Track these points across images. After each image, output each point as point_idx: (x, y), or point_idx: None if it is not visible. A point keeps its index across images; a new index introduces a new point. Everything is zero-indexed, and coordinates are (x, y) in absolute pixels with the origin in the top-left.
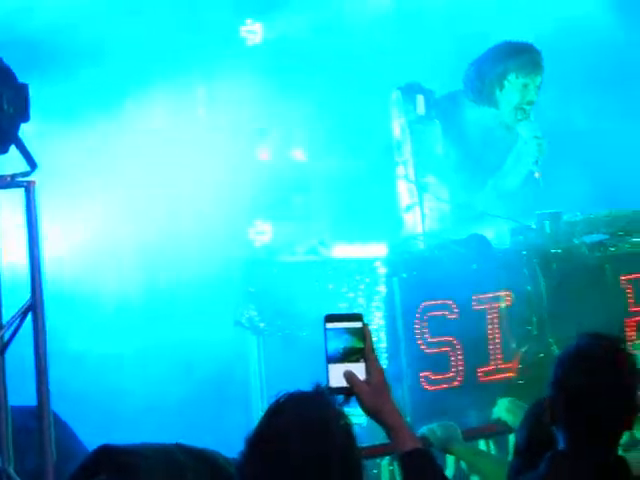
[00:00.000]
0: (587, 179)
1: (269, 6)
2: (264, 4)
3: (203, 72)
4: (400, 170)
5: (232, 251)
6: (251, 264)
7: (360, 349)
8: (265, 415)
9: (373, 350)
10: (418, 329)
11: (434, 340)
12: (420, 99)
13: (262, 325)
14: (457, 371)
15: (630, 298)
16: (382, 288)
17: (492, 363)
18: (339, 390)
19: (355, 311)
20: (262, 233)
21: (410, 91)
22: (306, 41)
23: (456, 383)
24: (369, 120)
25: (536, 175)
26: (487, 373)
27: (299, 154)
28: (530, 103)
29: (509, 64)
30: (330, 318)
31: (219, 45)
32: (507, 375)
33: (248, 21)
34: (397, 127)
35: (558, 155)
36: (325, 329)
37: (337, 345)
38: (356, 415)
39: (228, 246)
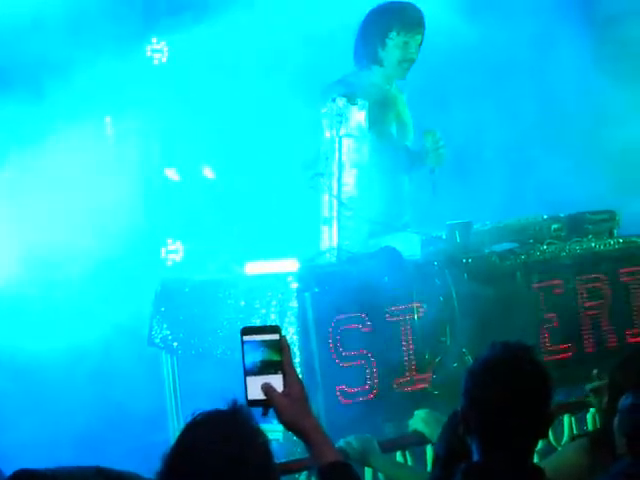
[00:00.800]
0: (497, 187)
1: (174, 25)
2: (169, 23)
3: (111, 92)
4: (323, 183)
5: (145, 271)
6: (163, 283)
7: (278, 361)
8: (181, 434)
9: (291, 362)
10: (332, 343)
11: (348, 353)
12: (354, 110)
13: (176, 344)
14: (372, 384)
15: (542, 305)
16: (295, 303)
17: (407, 375)
18: (257, 402)
19: (294, 330)
20: (174, 252)
21: (345, 103)
22: (213, 58)
23: (372, 396)
24: (278, 135)
25: (432, 183)
26: (402, 385)
27: (208, 172)
28: (411, 61)
29: (390, 22)
30: (247, 331)
31: (125, 65)
32: (422, 386)
33: (154, 40)
34: (326, 140)
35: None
36: (242, 342)
37: (254, 358)
38: (274, 431)
39: (141, 266)
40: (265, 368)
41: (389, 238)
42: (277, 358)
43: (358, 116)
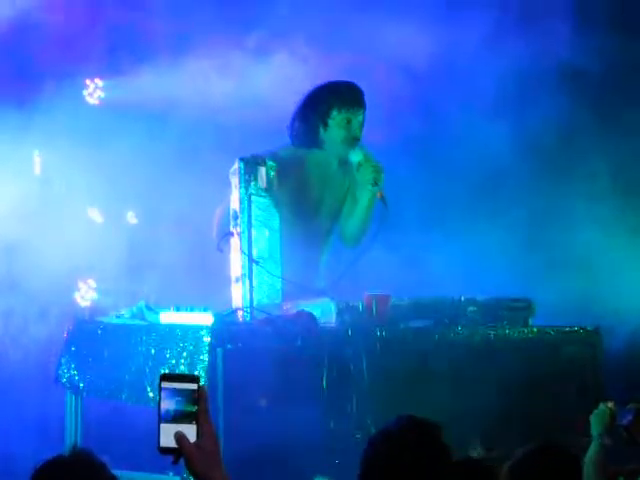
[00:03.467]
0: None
1: (112, 66)
2: (107, 63)
3: (41, 129)
4: (234, 241)
5: (58, 309)
6: (76, 323)
7: (193, 411)
8: None
9: (207, 413)
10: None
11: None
12: (262, 171)
13: (82, 385)
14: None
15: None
16: (205, 357)
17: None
18: (168, 450)
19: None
20: (89, 293)
21: (253, 163)
22: (147, 104)
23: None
24: (202, 190)
25: (378, 195)
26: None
27: (131, 216)
28: (355, 139)
29: (331, 101)
30: (166, 377)
31: (59, 101)
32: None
33: (90, 79)
34: (236, 197)
35: None
36: (160, 388)
37: (170, 405)
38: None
39: (55, 304)
40: (180, 417)
41: (306, 302)
42: (192, 408)
43: (265, 176)
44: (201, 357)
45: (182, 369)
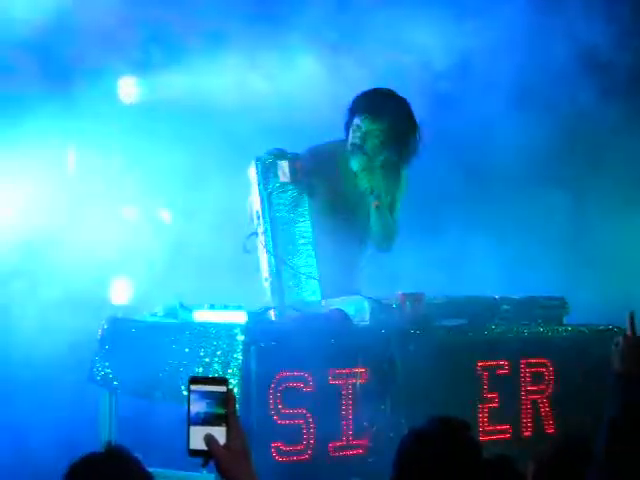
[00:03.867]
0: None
1: (147, 64)
2: (142, 62)
3: (75, 126)
4: (260, 240)
5: (93, 307)
6: (110, 322)
7: (222, 414)
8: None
9: (235, 415)
10: (272, 399)
11: (287, 411)
12: (284, 165)
13: (116, 383)
14: (308, 444)
15: (485, 384)
16: (239, 356)
17: (344, 439)
18: (198, 453)
19: (237, 382)
20: (122, 291)
21: (272, 159)
22: (183, 102)
23: (306, 456)
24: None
25: (374, 205)
26: (338, 448)
27: (165, 215)
28: (353, 146)
29: (353, 107)
30: (195, 380)
31: (93, 102)
32: (358, 452)
33: (124, 79)
34: (256, 197)
35: None
36: (189, 391)
37: (199, 408)
38: None
39: (89, 303)
40: (209, 419)
41: (340, 301)
42: (222, 410)
43: (287, 170)
44: (235, 355)
45: (216, 367)
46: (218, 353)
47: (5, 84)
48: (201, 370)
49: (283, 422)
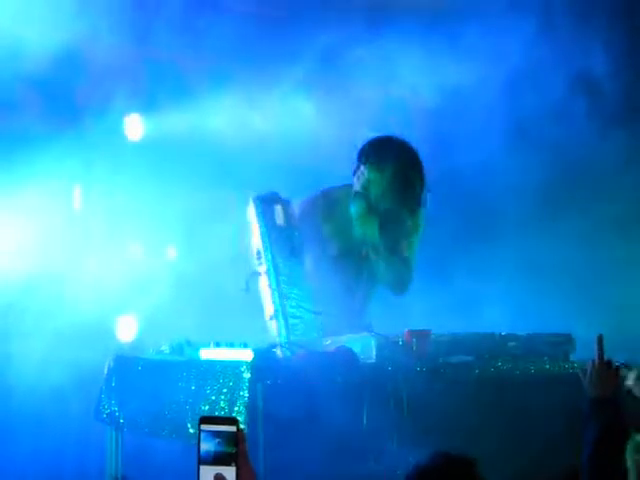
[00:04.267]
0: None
1: (153, 102)
2: (149, 101)
3: (81, 164)
4: (262, 279)
5: (99, 345)
6: (116, 359)
7: (232, 453)
8: None
9: (246, 456)
10: (279, 437)
11: (294, 449)
12: (279, 209)
13: (122, 421)
14: None
15: (492, 421)
16: (245, 393)
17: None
18: None
19: (231, 415)
20: (128, 328)
21: (268, 201)
22: (188, 142)
23: None
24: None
25: (363, 253)
26: None
27: (171, 252)
28: (355, 192)
29: (359, 153)
30: (205, 420)
31: (99, 139)
32: None
33: (130, 116)
34: (256, 236)
35: None
36: (199, 430)
37: (210, 447)
38: None
39: (95, 339)
40: (219, 459)
41: (346, 338)
42: (232, 450)
43: (282, 214)
44: (241, 393)
45: (222, 405)
46: (224, 391)
47: (11, 120)
48: (207, 408)
49: (290, 460)
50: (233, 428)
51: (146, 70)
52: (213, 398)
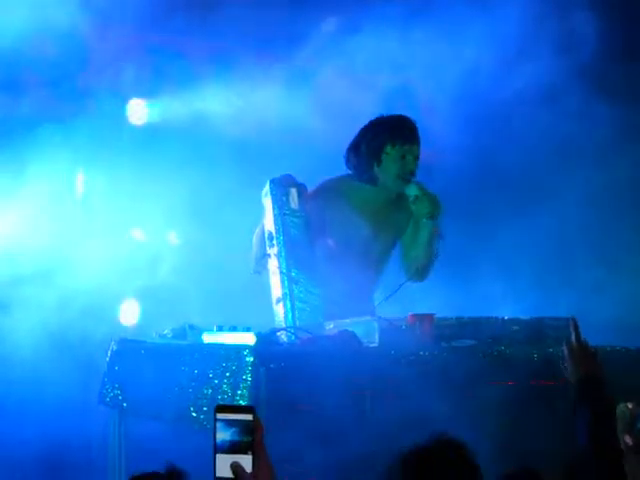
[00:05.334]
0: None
1: (155, 85)
2: (152, 85)
3: (84, 149)
4: (272, 262)
5: (101, 328)
6: (119, 343)
7: (249, 442)
8: None
9: (262, 444)
10: (282, 421)
11: (297, 433)
12: (293, 192)
13: (125, 405)
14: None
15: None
16: (248, 377)
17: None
18: None
19: (234, 399)
20: (131, 312)
21: (283, 184)
22: (191, 126)
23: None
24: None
25: (434, 231)
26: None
27: (173, 237)
28: (410, 173)
29: (385, 136)
30: (221, 409)
31: (103, 124)
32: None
33: (134, 101)
34: (269, 219)
35: None
36: (215, 419)
37: (226, 436)
38: None
39: (98, 323)
40: (236, 447)
41: (349, 322)
42: (248, 439)
43: (296, 197)
44: (244, 377)
45: (225, 389)
46: (227, 374)
47: (14, 104)
48: (210, 392)
49: (293, 444)
50: (249, 417)
51: (150, 54)
52: (216, 382)
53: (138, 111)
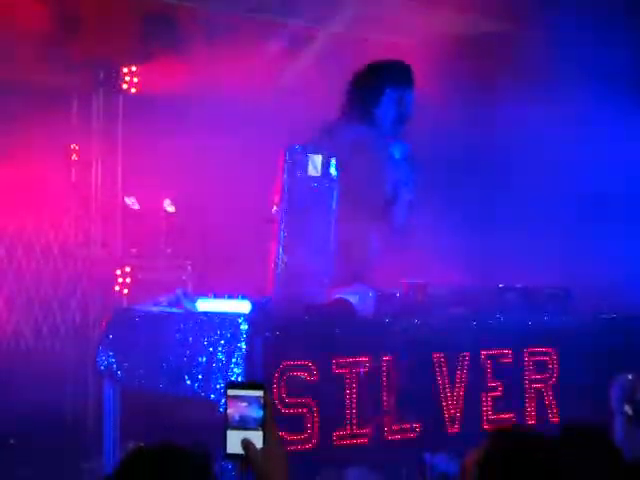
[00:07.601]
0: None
1: (148, 53)
2: (143, 52)
3: (78, 117)
4: (274, 228)
5: (96, 297)
6: (114, 311)
7: (259, 418)
8: (116, 472)
9: (272, 420)
10: (276, 388)
11: (292, 401)
12: (316, 159)
13: (119, 373)
14: (312, 433)
15: (489, 373)
16: (243, 345)
17: (347, 428)
18: (235, 457)
19: (229, 366)
20: (126, 280)
21: (298, 152)
22: (184, 92)
23: (310, 445)
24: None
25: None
26: (342, 437)
27: (168, 204)
28: (407, 115)
29: (384, 78)
30: (231, 385)
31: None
32: (361, 441)
33: (125, 68)
34: (279, 185)
35: None
36: (226, 395)
37: (236, 412)
38: None
39: (94, 292)
40: (246, 423)
41: (344, 290)
42: (259, 415)
43: (319, 164)
44: (239, 345)
45: (220, 357)
46: (222, 342)
47: (6, 72)
48: (205, 360)
49: (287, 411)
50: (260, 393)
51: (142, 22)
52: (211, 350)
53: (130, 78)
